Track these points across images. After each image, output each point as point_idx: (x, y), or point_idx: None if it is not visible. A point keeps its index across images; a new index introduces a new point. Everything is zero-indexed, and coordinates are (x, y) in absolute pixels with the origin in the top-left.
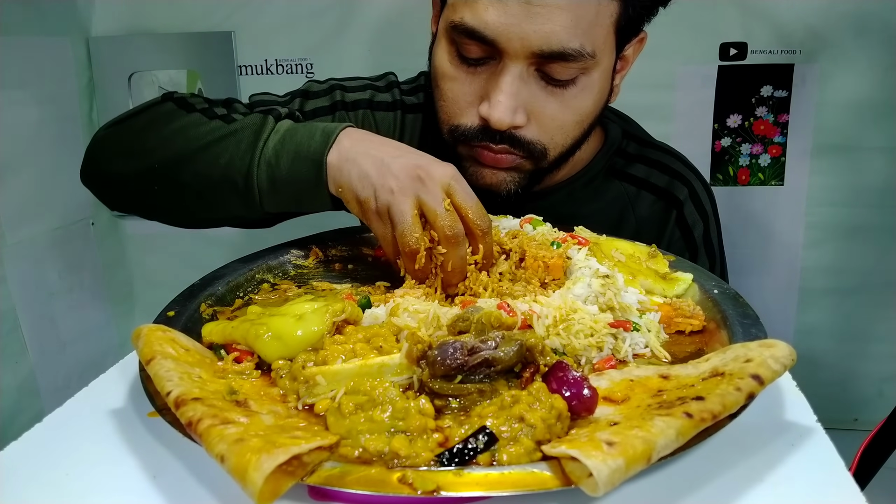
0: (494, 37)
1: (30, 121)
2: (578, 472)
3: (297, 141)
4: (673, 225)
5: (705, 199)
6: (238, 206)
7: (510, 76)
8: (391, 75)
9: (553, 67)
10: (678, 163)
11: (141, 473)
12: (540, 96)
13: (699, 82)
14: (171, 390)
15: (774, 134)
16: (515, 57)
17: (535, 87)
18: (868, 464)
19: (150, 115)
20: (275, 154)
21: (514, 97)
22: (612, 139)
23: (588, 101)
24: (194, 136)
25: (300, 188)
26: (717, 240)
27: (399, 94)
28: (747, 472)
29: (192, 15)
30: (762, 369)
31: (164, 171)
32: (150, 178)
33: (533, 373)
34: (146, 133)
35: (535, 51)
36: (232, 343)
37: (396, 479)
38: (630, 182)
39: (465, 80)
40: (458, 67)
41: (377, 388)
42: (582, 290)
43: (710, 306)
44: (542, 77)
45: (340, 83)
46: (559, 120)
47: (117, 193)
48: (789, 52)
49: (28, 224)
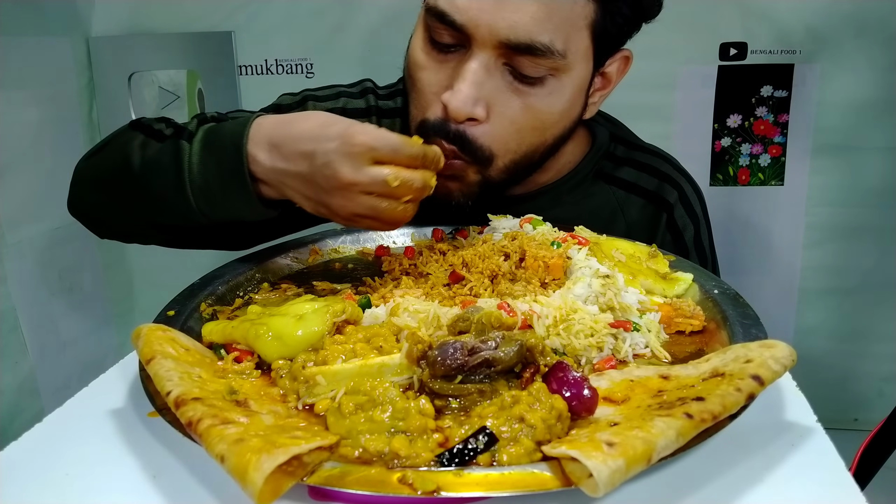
0: (463, 21)
1: (30, 121)
2: (579, 473)
3: (213, 153)
4: (664, 229)
5: (695, 201)
6: (206, 218)
7: (475, 64)
8: (367, 81)
9: (521, 61)
10: (667, 165)
11: (141, 473)
12: (504, 92)
13: (699, 82)
14: (171, 390)
15: (774, 134)
16: (483, 45)
17: (501, 82)
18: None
19: (112, 145)
20: (201, 176)
21: (476, 86)
22: (600, 142)
23: (554, 108)
24: (134, 163)
25: (223, 171)
26: (709, 242)
27: (374, 100)
28: (747, 472)
29: (192, 15)
30: (762, 370)
31: (124, 201)
32: (118, 206)
33: (533, 373)
34: (107, 163)
35: (502, 39)
36: (232, 343)
37: (396, 479)
38: (619, 186)
39: (434, 68)
40: (428, 54)
41: (377, 388)
42: (582, 290)
43: (711, 306)
44: (510, 72)
45: (313, 93)
46: (518, 122)
47: (100, 223)
48: (789, 52)
49: (28, 224)
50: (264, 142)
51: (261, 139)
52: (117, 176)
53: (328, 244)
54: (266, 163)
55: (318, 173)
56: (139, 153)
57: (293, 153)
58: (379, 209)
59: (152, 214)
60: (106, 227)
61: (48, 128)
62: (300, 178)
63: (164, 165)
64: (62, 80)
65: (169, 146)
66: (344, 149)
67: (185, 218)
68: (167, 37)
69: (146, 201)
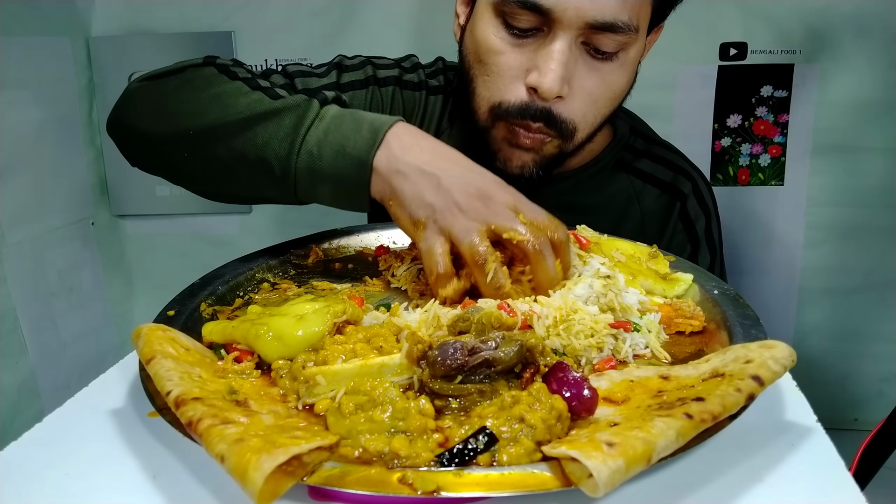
0: (551, 6)
1: (30, 121)
2: (578, 473)
3: (342, 133)
4: (676, 218)
5: (707, 195)
6: (269, 190)
7: (561, 44)
8: (414, 57)
9: (600, 39)
10: (682, 160)
11: (141, 473)
12: (582, 69)
13: (699, 82)
14: (171, 390)
15: (774, 134)
16: (568, 27)
17: (580, 60)
18: (868, 464)
19: (188, 75)
20: (317, 144)
21: (564, 66)
22: (621, 134)
23: (623, 79)
24: (233, 107)
25: (340, 186)
26: (718, 236)
27: (423, 76)
28: (747, 472)
29: (192, 15)
30: (762, 370)
31: (196, 139)
32: (180, 142)
33: (533, 373)
34: (182, 94)
35: (588, 21)
36: (232, 343)
37: (396, 479)
38: (636, 176)
39: (512, 52)
40: (504, 40)
41: (377, 389)
42: (583, 290)
43: (711, 307)
44: (587, 51)
45: (370, 59)
46: (595, 95)
47: (142, 151)
48: (789, 52)
49: (28, 224)
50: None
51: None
52: (197, 110)
53: (328, 244)
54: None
55: (467, 178)
56: (243, 98)
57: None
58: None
59: (231, 160)
60: (148, 158)
61: (48, 128)
62: (432, 180)
63: (280, 129)
64: (62, 80)
65: (298, 101)
66: (504, 188)
67: (277, 189)
68: (167, 37)
69: (228, 146)
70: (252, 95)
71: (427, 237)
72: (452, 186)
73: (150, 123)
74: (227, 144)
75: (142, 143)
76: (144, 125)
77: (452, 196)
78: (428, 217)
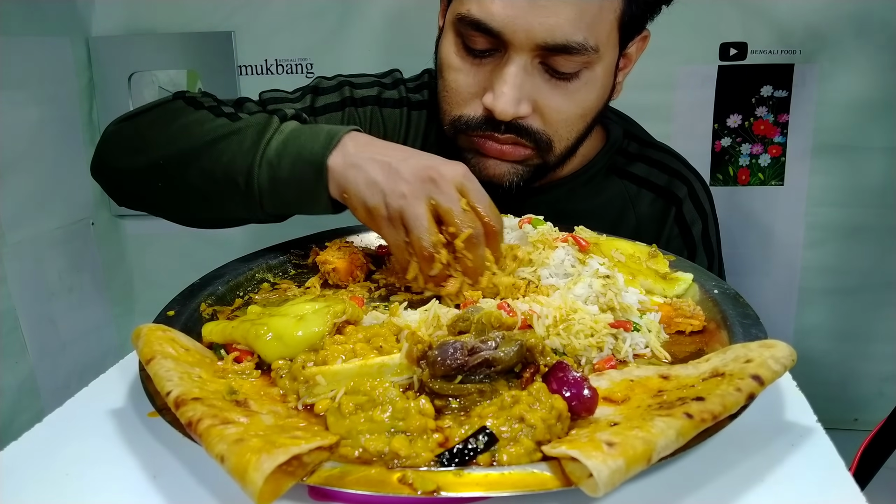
0: (500, 28)
1: (30, 121)
2: (578, 473)
3: (299, 143)
4: (672, 222)
5: (704, 198)
6: (238, 207)
7: (515, 67)
8: (396, 72)
9: (557, 60)
10: (678, 163)
11: (141, 473)
12: (544, 88)
13: (699, 82)
14: (171, 390)
15: (774, 134)
16: (520, 49)
17: (539, 80)
18: (868, 464)
19: (158, 111)
20: (276, 155)
21: (518, 88)
22: (614, 138)
23: (591, 96)
24: (198, 132)
25: (300, 190)
26: (716, 239)
27: (405, 91)
28: (747, 472)
29: (192, 15)
30: (762, 370)
31: (168, 168)
32: (155, 174)
33: (533, 373)
34: (153, 129)
35: (539, 43)
36: (232, 343)
37: (396, 479)
38: (630, 180)
39: (470, 71)
40: (463, 59)
41: (377, 388)
42: (582, 290)
43: (711, 306)
44: (546, 70)
45: (348, 80)
46: (564, 112)
47: (124, 188)
48: (789, 52)
49: (28, 224)
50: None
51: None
52: (167, 140)
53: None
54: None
55: (417, 160)
56: (207, 124)
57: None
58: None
59: (200, 182)
60: (130, 193)
61: (48, 128)
62: (383, 165)
63: (242, 146)
64: (62, 80)
65: (259, 119)
66: (453, 166)
67: (244, 205)
68: (167, 37)
69: (197, 170)
70: (217, 121)
71: (388, 233)
72: (402, 168)
73: (127, 160)
74: (196, 167)
75: (122, 181)
76: (123, 163)
77: (402, 176)
78: (380, 203)
